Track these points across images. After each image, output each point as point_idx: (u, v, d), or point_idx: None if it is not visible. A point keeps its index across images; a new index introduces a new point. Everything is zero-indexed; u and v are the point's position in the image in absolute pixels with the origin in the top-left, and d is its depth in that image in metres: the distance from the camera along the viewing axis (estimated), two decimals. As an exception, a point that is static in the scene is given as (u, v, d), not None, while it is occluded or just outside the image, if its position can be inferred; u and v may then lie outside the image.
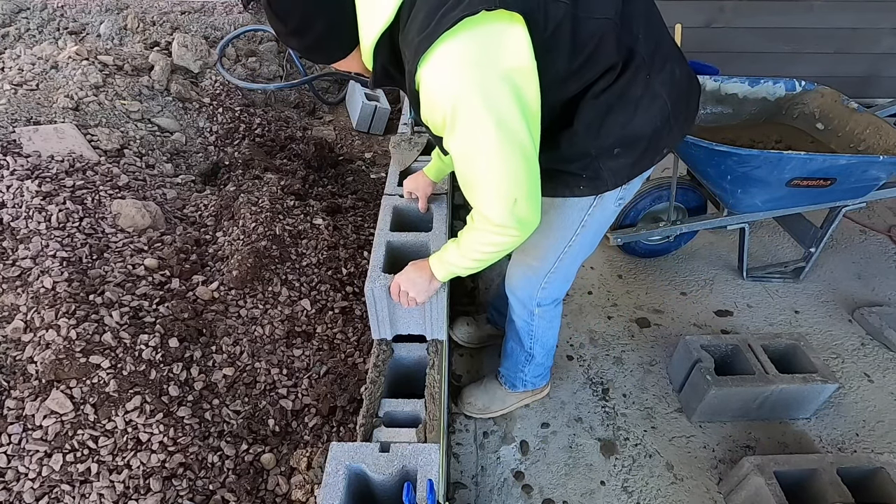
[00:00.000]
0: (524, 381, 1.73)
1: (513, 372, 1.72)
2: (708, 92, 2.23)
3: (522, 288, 1.46)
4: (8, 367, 1.49)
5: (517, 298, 1.49)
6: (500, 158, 0.92)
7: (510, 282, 1.48)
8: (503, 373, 1.76)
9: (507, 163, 0.93)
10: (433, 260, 1.23)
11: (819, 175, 1.86)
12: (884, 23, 3.30)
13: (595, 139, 1.07)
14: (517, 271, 1.45)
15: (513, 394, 1.78)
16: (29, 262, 1.68)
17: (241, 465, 1.51)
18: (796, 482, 1.45)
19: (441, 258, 1.21)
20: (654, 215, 2.29)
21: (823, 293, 2.30)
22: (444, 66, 0.85)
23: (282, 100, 3.42)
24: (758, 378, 1.68)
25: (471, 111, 0.87)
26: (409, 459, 1.14)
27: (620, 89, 1.02)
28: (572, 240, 1.28)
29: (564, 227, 1.26)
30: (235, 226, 2.10)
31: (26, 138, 2.09)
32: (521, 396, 1.80)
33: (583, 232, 1.27)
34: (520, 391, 1.77)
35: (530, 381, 1.73)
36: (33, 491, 1.32)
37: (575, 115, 1.04)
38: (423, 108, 0.94)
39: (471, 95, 0.86)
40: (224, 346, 1.72)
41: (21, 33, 3.38)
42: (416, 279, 1.26)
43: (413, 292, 1.27)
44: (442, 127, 0.92)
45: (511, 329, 1.61)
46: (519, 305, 1.50)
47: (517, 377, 1.72)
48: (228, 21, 3.56)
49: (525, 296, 1.46)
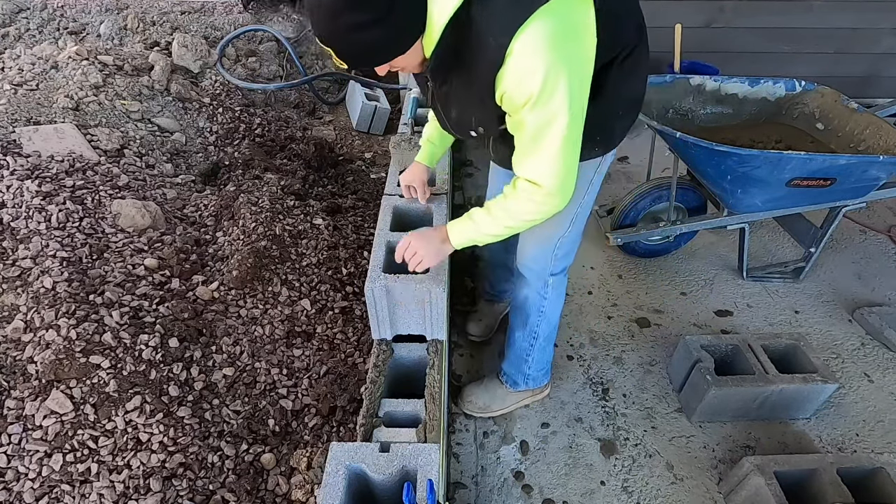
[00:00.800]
0: (526, 375, 1.73)
1: (516, 365, 1.72)
2: (708, 92, 2.23)
3: (536, 259, 1.49)
4: (8, 367, 1.49)
5: (532, 271, 1.52)
6: (570, 130, 1.01)
7: (523, 257, 1.52)
8: (506, 370, 1.76)
9: (574, 134, 1.03)
10: (451, 224, 1.26)
11: (819, 175, 1.86)
12: (884, 23, 3.30)
13: (612, 103, 1.18)
14: (531, 244, 1.49)
15: (514, 393, 1.78)
16: (29, 262, 1.68)
17: (241, 465, 1.51)
18: (796, 482, 1.45)
19: (463, 223, 1.24)
20: (654, 215, 2.29)
21: (823, 293, 2.30)
22: (540, 38, 0.90)
23: (282, 100, 3.42)
24: (758, 378, 1.68)
25: (559, 83, 0.94)
26: (409, 459, 1.14)
27: (634, 60, 1.14)
28: (583, 199, 1.38)
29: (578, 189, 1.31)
30: (235, 226, 2.10)
31: (26, 138, 2.09)
32: (522, 396, 1.80)
33: (591, 190, 1.38)
34: (521, 390, 1.78)
35: (532, 375, 1.73)
36: (33, 491, 1.32)
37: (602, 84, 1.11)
38: (507, 79, 0.96)
39: (562, 68, 0.93)
40: (224, 346, 1.72)
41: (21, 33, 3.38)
42: (430, 237, 1.29)
43: (423, 251, 1.28)
44: (524, 98, 0.96)
45: (518, 313, 1.63)
46: (534, 278, 1.53)
47: (520, 370, 1.72)
48: (228, 21, 3.56)
49: (539, 267, 1.50)
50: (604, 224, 2.49)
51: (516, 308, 1.64)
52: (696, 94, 2.23)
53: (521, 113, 1.00)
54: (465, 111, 1.15)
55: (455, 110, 1.18)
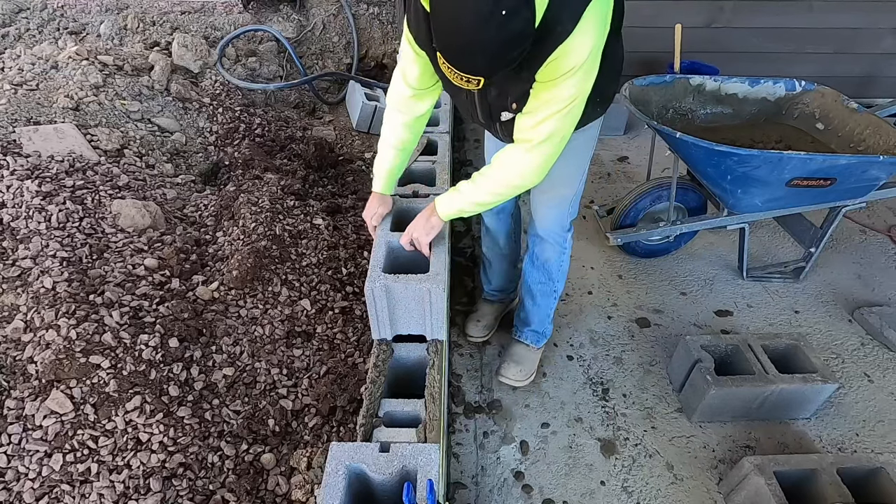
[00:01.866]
0: (546, 330, 1.88)
1: (542, 324, 1.85)
2: (708, 92, 2.23)
3: (555, 220, 1.61)
4: (8, 367, 1.49)
5: (552, 233, 1.63)
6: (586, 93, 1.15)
7: (542, 222, 1.62)
8: (531, 330, 1.87)
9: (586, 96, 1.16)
10: (438, 198, 1.39)
11: (819, 175, 1.86)
12: (884, 23, 3.30)
13: (613, 67, 1.30)
14: (548, 209, 1.59)
15: (538, 350, 1.91)
16: (29, 262, 1.68)
17: (241, 465, 1.51)
18: (796, 482, 1.45)
19: (449, 195, 1.36)
20: (654, 215, 2.29)
21: (823, 293, 2.30)
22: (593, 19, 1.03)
23: (282, 100, 3.42)
24: (758, 378, 1.68)
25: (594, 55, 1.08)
26: (409, 459, 1.14)
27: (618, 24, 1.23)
28: (590, 156, 1.54)
29: (587, 147, 1.50)
30: (235, 226, 2.10)
31: (26, 138, 2.09)
32: (541, 351, 1.94)
33: (594, 146, 1.53)
34: (541, 346, 1.91)
35: (548, 326, 1.88)
36: (33, 491, 1.32)
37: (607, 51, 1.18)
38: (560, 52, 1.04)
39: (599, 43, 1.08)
40: (224, 346, 1.72)
41: (21, 33, 3.38)
42: (420, 216, 1.42)
43: (417, 231, 1.41)
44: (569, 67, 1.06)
45: (539, 275, 1.73)
46: (553, 239, 1.64)
47: (544, 327, 1.86)
48: (228, 21, 3.56)
49: (558, 227, 1.62)
50: (604, 224, 2.48)
51: (537, 271, 1.72)
52: (696, 94, 2.23)
53: (559, 79, 1.09)
54: (504, 91, 1.21)
55: (495, 91, 1.22)
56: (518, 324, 1.91)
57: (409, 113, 1.42)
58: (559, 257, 1.68)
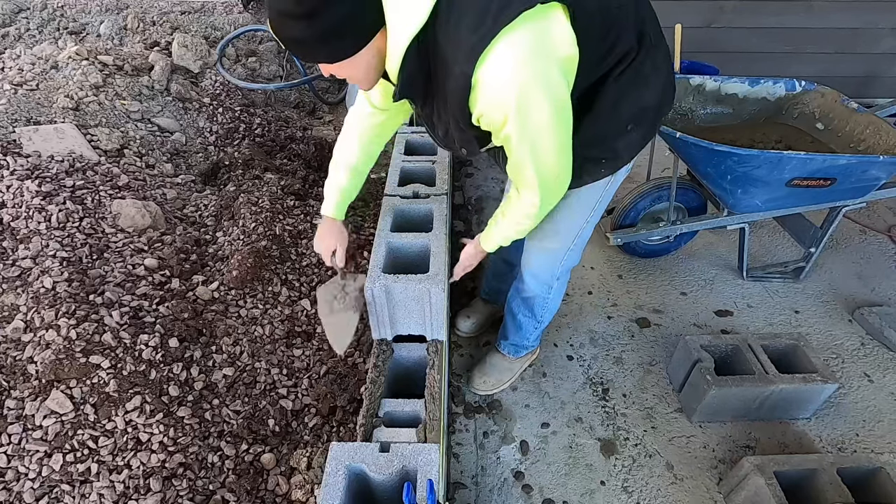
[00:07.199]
0: (527, 346, 1.83)
1: (521, 340, 1.81)
2: (708, 92, 2.23)
3: (542, 268, 1.54)
4: (8, 367, 1.49)
5: (537, 278, 1.56)
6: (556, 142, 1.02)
7: (529, 266, 1.55)
8: (510, 343, 1.83)
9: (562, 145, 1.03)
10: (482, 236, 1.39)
11: (819, 175, 1.86)
12: (884, 23, 3.30)
13: (612, 119, 1.14)
14: (536, 255, 1.52)
15: (517, 360, 1.87)
16: (29, 262, 1.68)
17: (241, 465, 1.51)
18: (796, 482, 1.45)
19: (489, 230, 1.34)
20: (654, 215, 2.29)
21: (823, 293, 2.30)
22: (506, 61, 0.88)
23: (282, 100, 3.42)
24: (758, 378, 1.68)
25: (536, 101, 0.93)
26: (409, 459, 1.14)
27: (635, 70, 1.09)
28: (589, 218, 1.39)
29: (584, 208, 1.36)
30: (235, 226, 2.10)
31: (26, 138, 2.09)
32: (524, 360, 1.90)
33: (599, 208, 1.38)
34: (522, 356, 1.87)
35: (532, 343, 1.84)
36: (33, 491, 1.32)
37: (595, 99, 1.10)
38: (480, 104, 0.95)
39: (536, 86, 0.91)
40: (224, 346, 1.72)
41: (21, 33, 3.38)
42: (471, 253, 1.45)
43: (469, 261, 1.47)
44: (502, 121, 0.96)
45: (522, 304, 1.68)
46: (537, 283, 1.58)
47: (523, 344, 1.82)
48: (228, 21, 3.56)
49: (546, 274, 1.55)
50: (604, 224, 2.48)
51: (521, 299, 1.67)
52: (696, 94, 2.23)
53: (503, 133, 1.00)
54: (448, 132, 1.13)
55: (440, 130, 1.16)
56: (499, 333, 1.87)
57: (366, 132, 1.38)
58: (544, 295, 1.60)
